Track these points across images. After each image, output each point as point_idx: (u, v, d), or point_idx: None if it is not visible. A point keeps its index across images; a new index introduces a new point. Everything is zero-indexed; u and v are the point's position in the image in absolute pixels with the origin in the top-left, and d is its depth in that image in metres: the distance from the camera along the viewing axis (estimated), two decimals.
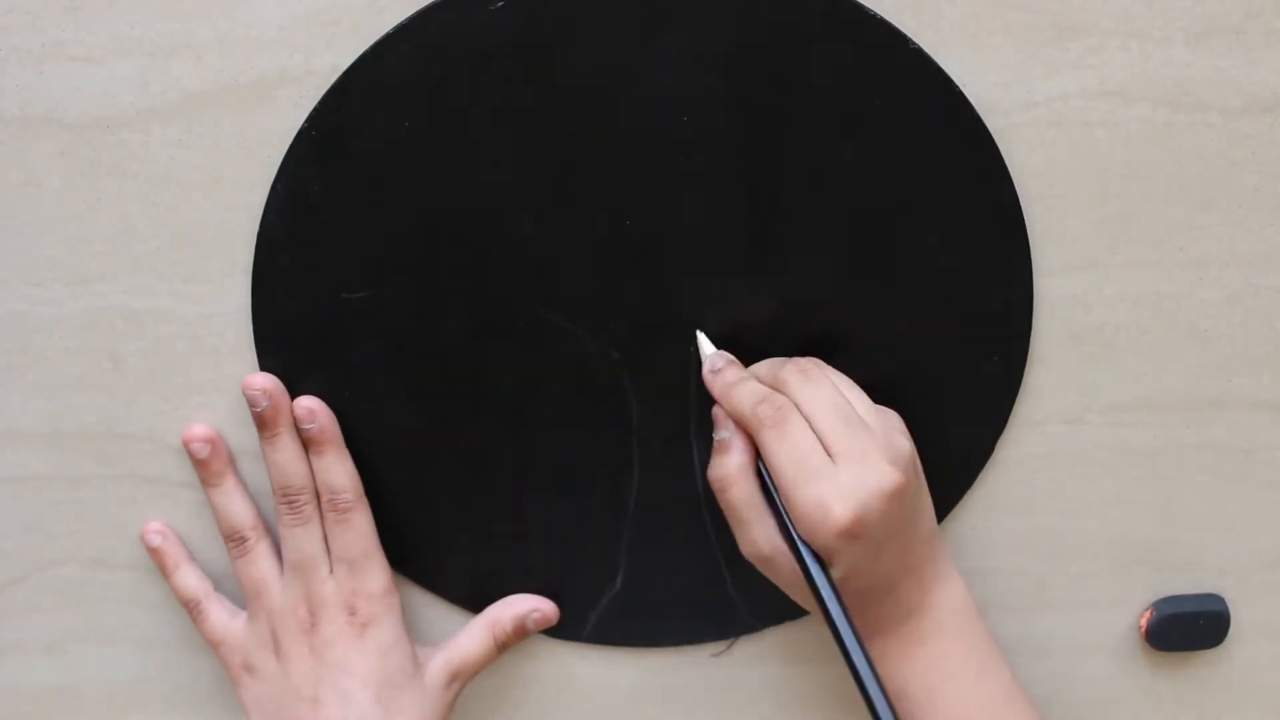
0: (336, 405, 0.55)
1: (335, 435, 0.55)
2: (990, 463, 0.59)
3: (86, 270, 0.54)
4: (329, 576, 0.55)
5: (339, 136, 0.53)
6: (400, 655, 0.55)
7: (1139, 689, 0.62)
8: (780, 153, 0.54)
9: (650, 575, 0.58)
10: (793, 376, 0.52)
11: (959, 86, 0.54)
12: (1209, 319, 0.57)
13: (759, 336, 0.55)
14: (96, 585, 0.58)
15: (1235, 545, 0.61)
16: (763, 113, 0.53)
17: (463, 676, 0.57)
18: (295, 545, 0.55)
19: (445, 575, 0.58)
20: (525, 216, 0.54)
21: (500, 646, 0.57)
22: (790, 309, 0.55)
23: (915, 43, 0.53)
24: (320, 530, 0.55)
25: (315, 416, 0.54)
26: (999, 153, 0.54)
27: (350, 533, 0.55)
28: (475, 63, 0.52)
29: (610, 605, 0.59)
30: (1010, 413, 0.58)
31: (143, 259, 0.54)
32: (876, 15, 0.53)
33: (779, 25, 0.52)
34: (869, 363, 0.55)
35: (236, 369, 0.55)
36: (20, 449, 0.56)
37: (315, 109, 0.52)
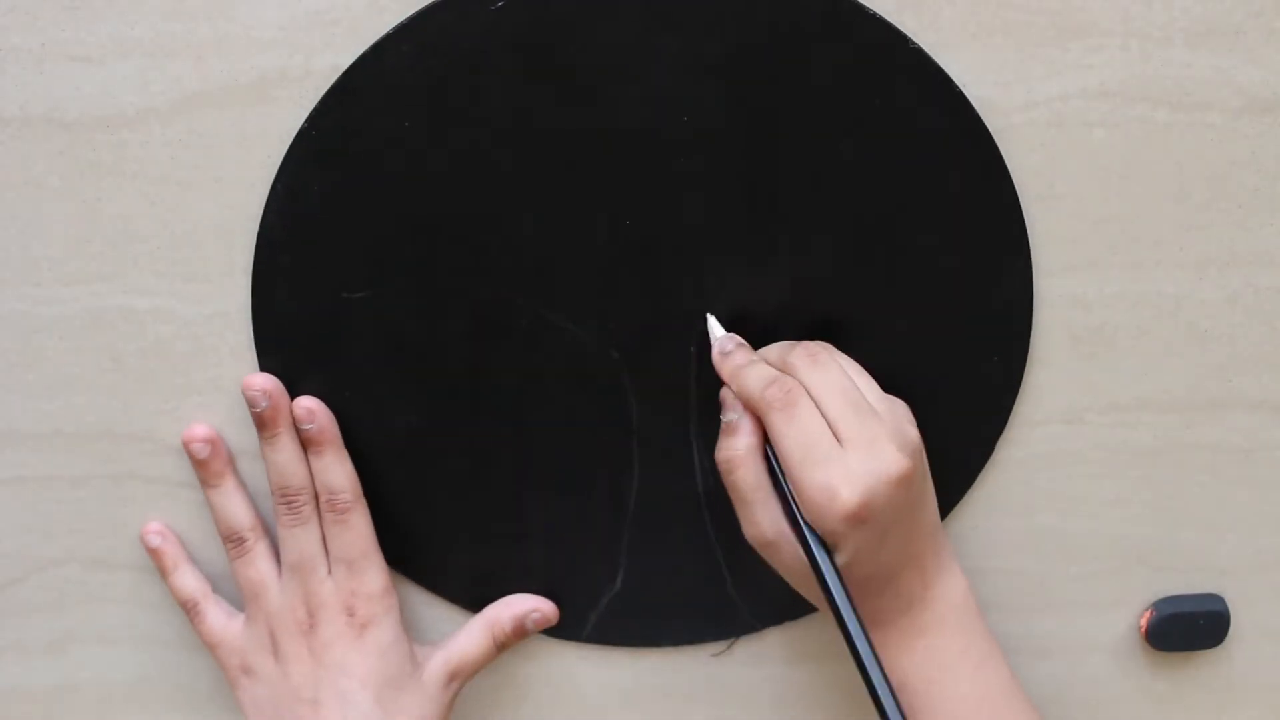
0: (336, 405, 0.55)
1: (334, 436, 0.55)
2: (990, 463, 0.59)
3: (86, 270, 0.54)
4: (327, 577, 0.55)
5: (339, 136, 0.53)
6: (399, 655, 0.55)
7: (1139, 689, 0.62)
8: (780, 153, 0.54)
9: (650, 575, 0.58)
10: (802, 360, 0.52)
11: (959, 86, 0.54)
12: (1209, 319, 0.57)
13: (759, 335, 0.55)
14: (96, 585, 0.58)
15: (1235, 545, 0.61)
16: (763, 113, 0.53)
17: (461, 676, 0.57)
18: (293, 546, 0.55)
19: (445, 575, 0.58)
20: (525, 216, 0.54)
21: (499, 646, 0.57)
22: (790, 308, 0.55)
23: (915, 43, 0.53)
24: (319, 531, 0.55)
25: (314, 417, 0.54)
26: (999, 153, 0.54)
27: (348, 533, 0.55)
28: (475, 63, 0.52)
29: (610, 605, 0.59)
30: (1010, 413, 0.58)
31: (143, 259, 0.54)
32: (876, 15, 0.53)
33: (779, 25, 0.52)
34: (869, 362, 0.54)
35: (236, 369, 0.55)
36: (20, 449, 0.56)
37: (315, 109, 0.52)
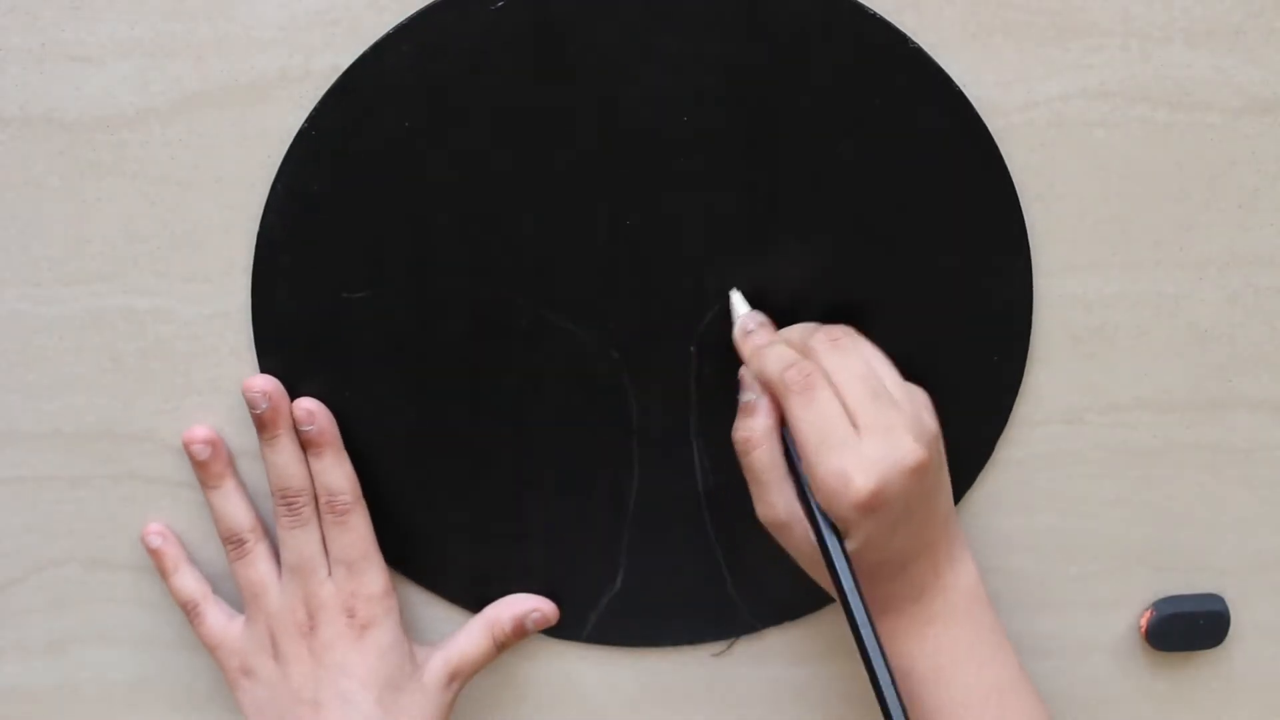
0: (336, 405, 0.55)
1: (334, 437, 0.55)
2: (990, 463, 0.59)
3: (86, 270, 0.54)
4: (327, 578, 0.55)
5: (339, 136, 0.53)
6: (399, 656, 0.55)
7: (1139, 689, 0.62)
8: (780, 153, 0.54)
9: (650, 575, 0.58)
10: (823, 344, 0.51)
11: (959, 86, 0.54)
12: (1209, 319, 0.57)
13: None
14: (96, 585, 0.58)
15: (1235, 545, 0.61)
16: (763, 112, 0.53)
17: (462, 676, 0.57)
18: (293, 547, 0.55)
19: (445, 575, 0.58)
20: (525, 216, 0.54)
21: (499, 646, 0.57)
22: (790, 308, 0.55)
23: (915, 42, 0.53)
24: (318, 532, 0.55)
25: (314, 418, 0.54)
26: (999, 153, 0.54)
27: (348, 535, 0.55)
28: (475, 63, 0.52)
29: (610, 605, 0.59)
30: (1010, 413, 0.58)
31: (143, 259, 0.54)
32: (876, 15, 0.53)
33: (779, 25, 0.52)
34: None
35: (236, 369, 0.55)
36: (20, 449, 0.56)
37: (315, 109, 0.52)
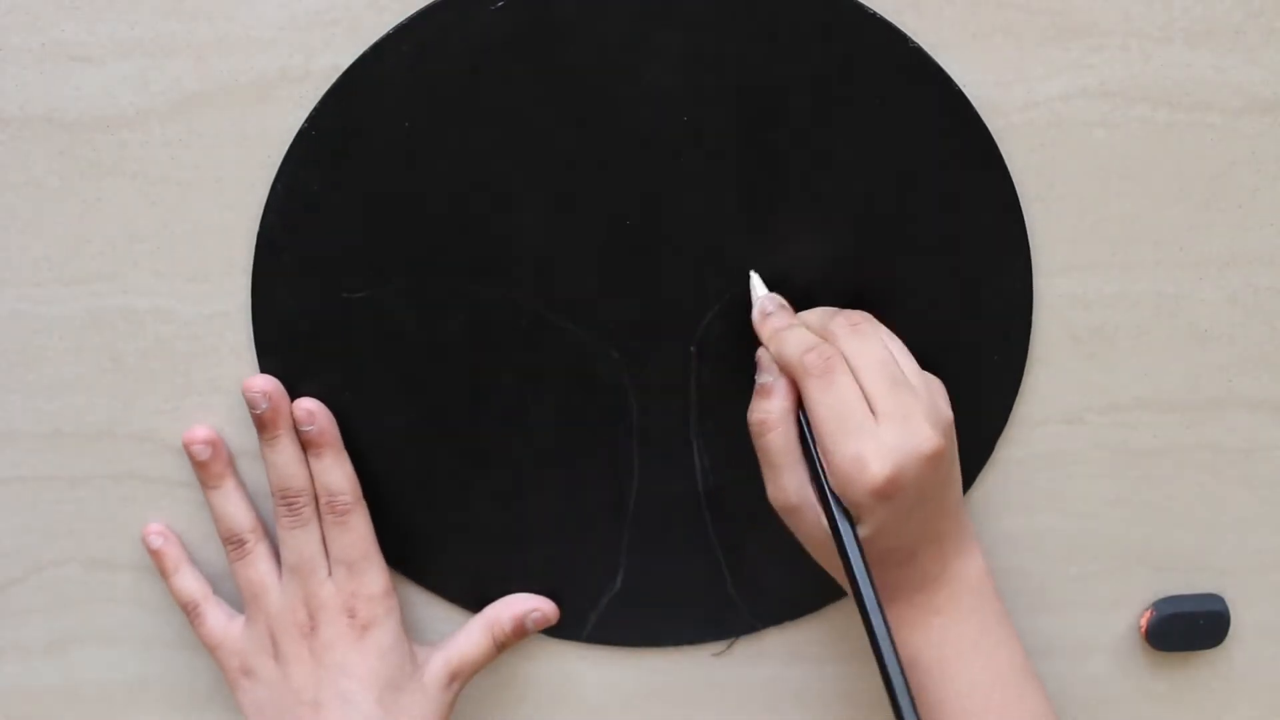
0: (336, 405, 0.55)
1: (334, 437, 0.55)
2: (990, 463, 0.59)
3: (86, 270, 0.54)
4: (327, 579, 0.55)
5: (339, 136, 0.53)
6: (400, 656, 0.55)
7: (1139, 689, 0.62)
8: (780, 152, 0.54)
9: (650, 575, 0.58)
10: (843, 329, 0.51)
11: (959, 86, 0.54)
12: (1209, 319, 0.57)
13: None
14: (96, 585, 0.58)
15: (1235, 545, 0.61)
16: (762, 112, 0.53)
17: (462, 676, 0.57)
18: (293, 547, 0.55)
19: (445, 575, 0.58)
20: (525, 216, 0.54)
21: (499, 646, 0.57)
22: (790, 307, 0.55)
23: (915, 42, 0.53)
24: (319, 532, 0.55)
25: (314, 419, 0.54)
26: (999, 153, 0.54)
27: (348, 535, 0.55)
28: (475, 63, 0.52)
29: (610, 605, 0.59)
30: (1010, 413, 0.58)
31: (143, 259, 0.54)
32: (876, 15, 0.53)
33: (779, 25, 0.52)
34: None
35: (236, 369, 0.55)
36: (20, 449, 0.56)
37: (315, 109, 0.52)
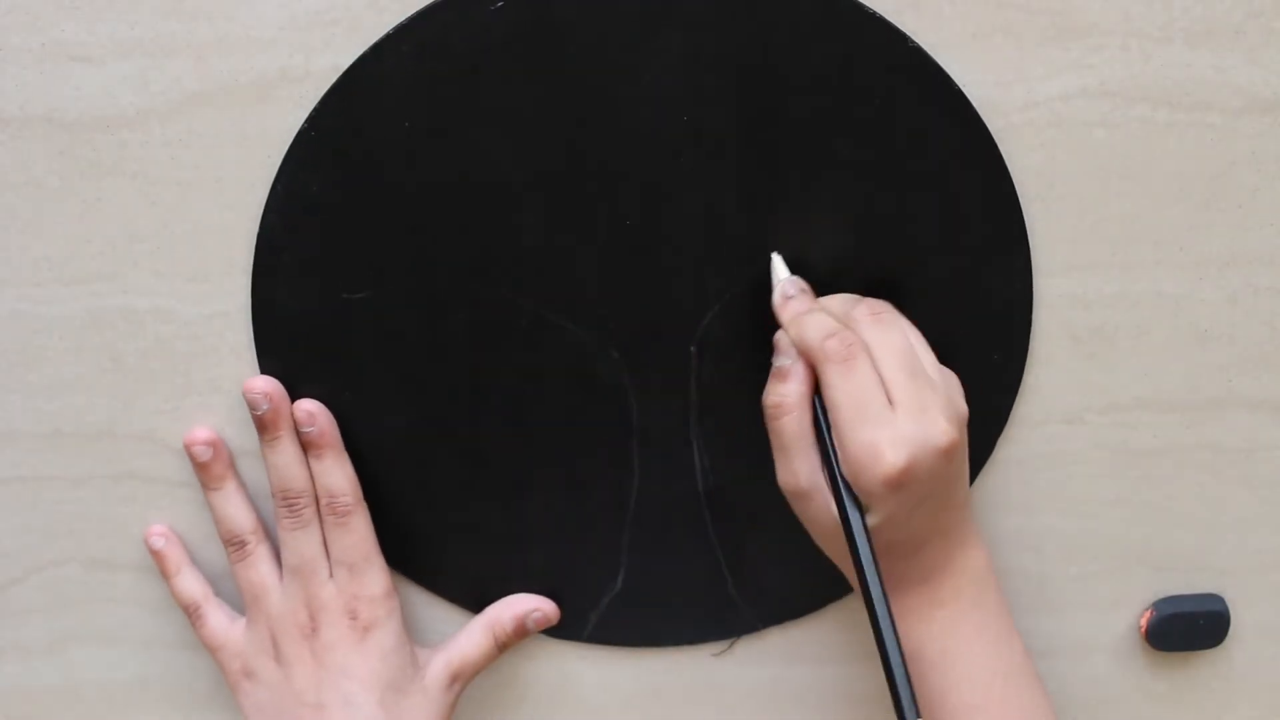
0: (336, 406, 0.55)
1: (335, 438, 0.55)
2: (990, 463, 0.59)
3: (86, 270, 0.54)
4: (329, 580, 0.55)
5: (339, 136, 0.53)
6: (401, 658, 0.55)
7: (1139, 689, 0.62)
8: (780, 152, 0.54)
9: (650, 575, 0.58)
10: (865, 317, 0.51)
11: (959, 86, 0.54)
12: (1209, 319, 0.57)
13: (759, 333, 0.55)
14: (96, 585, 0.58)
15: (1235, 545, 0.61)
16: (762, 112, 0.53)
17: (463, 677, 0.57)
18: (294, 549, 0.55)
19: (445, 575, 0.58)
20: (525, 216, 0.54)
21: (500, 646, 0.57)
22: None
23: (915, 42, 0.53)
24: (319, 534, 0.55)
25: (315, 420, 0.54)
26: (999, 153, 0.54)
27: (349, 536, 0.55)
28: (475, 63, 0.52)
29: (610, 605, 0.59)
30: (1010, 413, 0.58)
31: (143, 259, 0.54)
32: (876, 15, 0.53)
33: (779, 25, 0.52)
34: None
35: (236, 369, 0.55)
36: (20, 449, 0.56)
37: (315, 109, 0.52)
